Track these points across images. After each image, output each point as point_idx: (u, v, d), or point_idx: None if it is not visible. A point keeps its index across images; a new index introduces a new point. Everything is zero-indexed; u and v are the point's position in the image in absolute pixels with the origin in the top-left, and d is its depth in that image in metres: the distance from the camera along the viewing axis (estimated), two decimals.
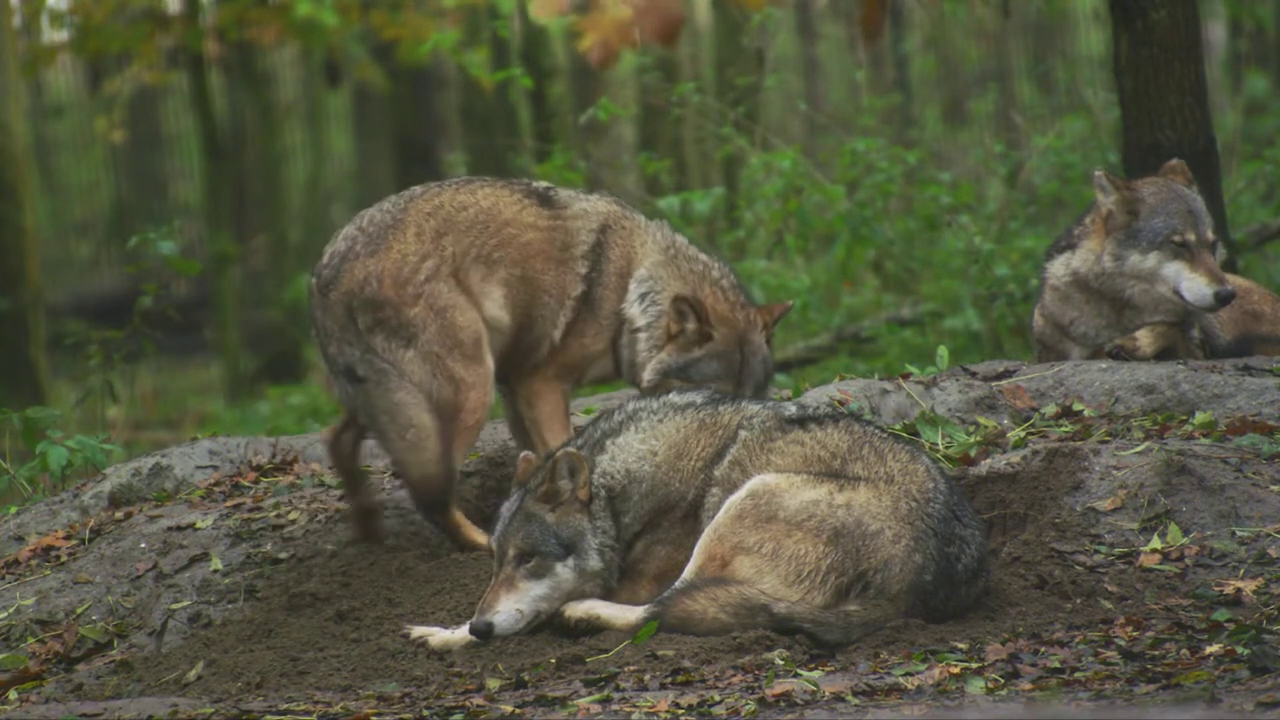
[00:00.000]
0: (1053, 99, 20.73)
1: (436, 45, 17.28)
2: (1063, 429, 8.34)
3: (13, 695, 7.47)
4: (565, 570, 7.13)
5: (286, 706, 6.58)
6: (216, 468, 9.20)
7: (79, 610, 8.00)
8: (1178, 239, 8.93)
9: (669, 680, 6.54)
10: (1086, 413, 8.51)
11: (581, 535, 7.15)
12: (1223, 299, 8.87)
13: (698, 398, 7.37)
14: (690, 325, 8.17)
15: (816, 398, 8.58)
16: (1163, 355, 9.01)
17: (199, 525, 8.34)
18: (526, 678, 6.72)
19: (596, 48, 8.47)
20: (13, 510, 9.24)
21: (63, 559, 8.42)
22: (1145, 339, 8.99)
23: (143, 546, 8.26)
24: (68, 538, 8.61)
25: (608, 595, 7.16)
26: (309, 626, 7.52)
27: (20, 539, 8.82)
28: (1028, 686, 6.21)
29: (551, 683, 6.67)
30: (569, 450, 7.19)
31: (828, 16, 25.63)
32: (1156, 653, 6.48)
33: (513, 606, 7.09)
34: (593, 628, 7.03)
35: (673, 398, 7.38)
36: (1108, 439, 8.06)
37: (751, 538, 6.91)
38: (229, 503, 8.64)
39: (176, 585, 8.06)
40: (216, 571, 8.08)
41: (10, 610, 8.05)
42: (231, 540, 8.23)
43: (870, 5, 8.91)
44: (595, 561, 7.15)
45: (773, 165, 16.43)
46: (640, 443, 7.24)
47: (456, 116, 24.68)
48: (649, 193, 18.24)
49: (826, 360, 16.52)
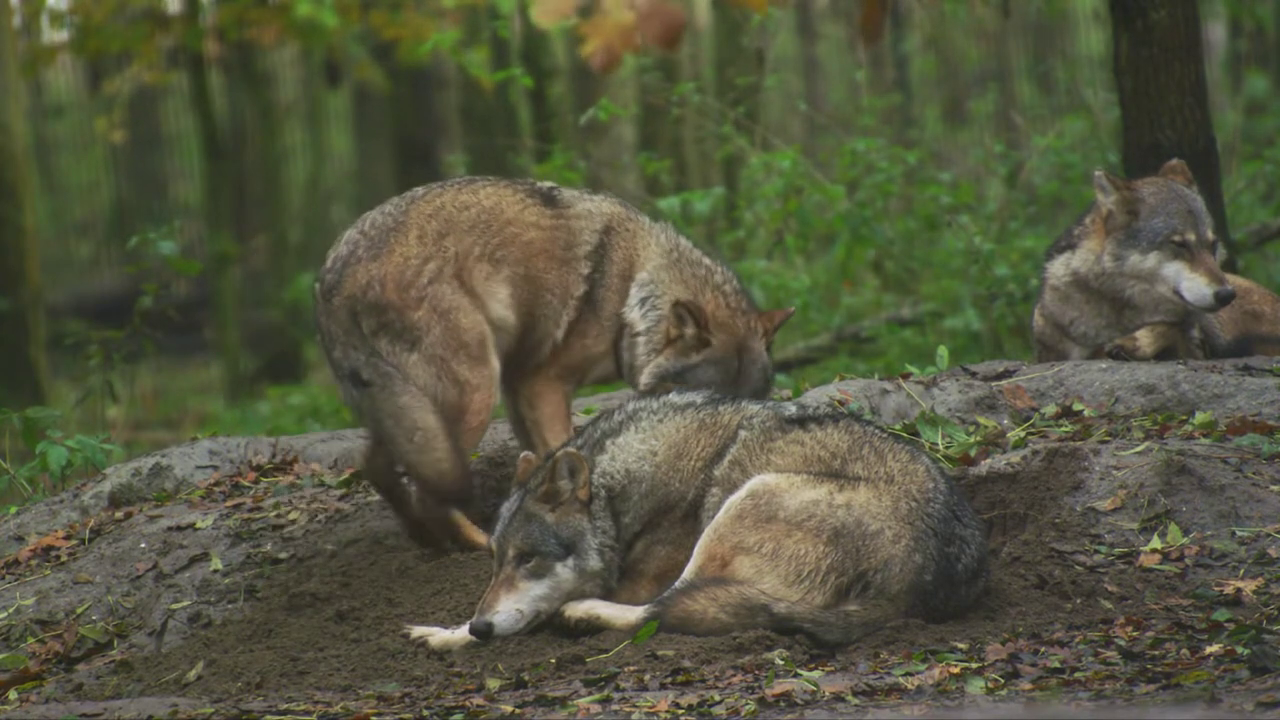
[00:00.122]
0: (1053, 99, 20.73)
1: (436, 45, 17.27)
2: (1063, 429, 8.33)
3: (13, 695, 7.47)
4: (565, 570, 7.12)
5: (286, 706, 6.58)
6: (216, 468, 9.20)
7: (79, 610, 8.00)
8: (1178, 239, 8.93)
9: (669, 680, 6.54)
10: (1086, 413, 8.51)
11: (581, 535, 7.15)
12: (1223, 299, 8.87)
13: (698, 398, 7.37)
14: (689, 330, 8.15)
15: (816, 398, 8.58)
16: (1163, 355, 9.00)
17: (199, 525, 8.34)
18: (526, 678, 6.72)
19: (599, 52, 8.47)
20: (13, 510, 9.24)
21: (63, 559, 8.42)
22: (1145, 339, 8.99)
23: (143, 546, 8.26)
24: (68, 538, 8.61)
25: (608, 595, 7.16)
26: (309, 626, 7.52)
27: (20, 539, 8.82)
28: (1028, 686, 6.21)
29: (551, 683, 6.67)
30: (569, 450, 7.18)
31: (828, 16, 25.63)
32: (1156, 653, 6.48)
33: (513, 606, 7.09)
34: (593, 628, 7.03)
35: (673, 398, 7.37)
36: (1108, 439, 8.06)
37: (751, 538, 6.90)
38: (229, 503, 8.64)
39: (176, 585, 8.06)
40: (216, 571, 8.08)
41: (10, 610, 8.05)
42: (231, 540, 8.23)
43: (870, 7, 8.91)
44: (595, 561, 7.14)
45: (773, 165, 16.43)
46: (640, 443, 7.24)
47: (456, 116, 24.68)
48: (649, 193, 18.23)
49: (826, 360, 16.51)
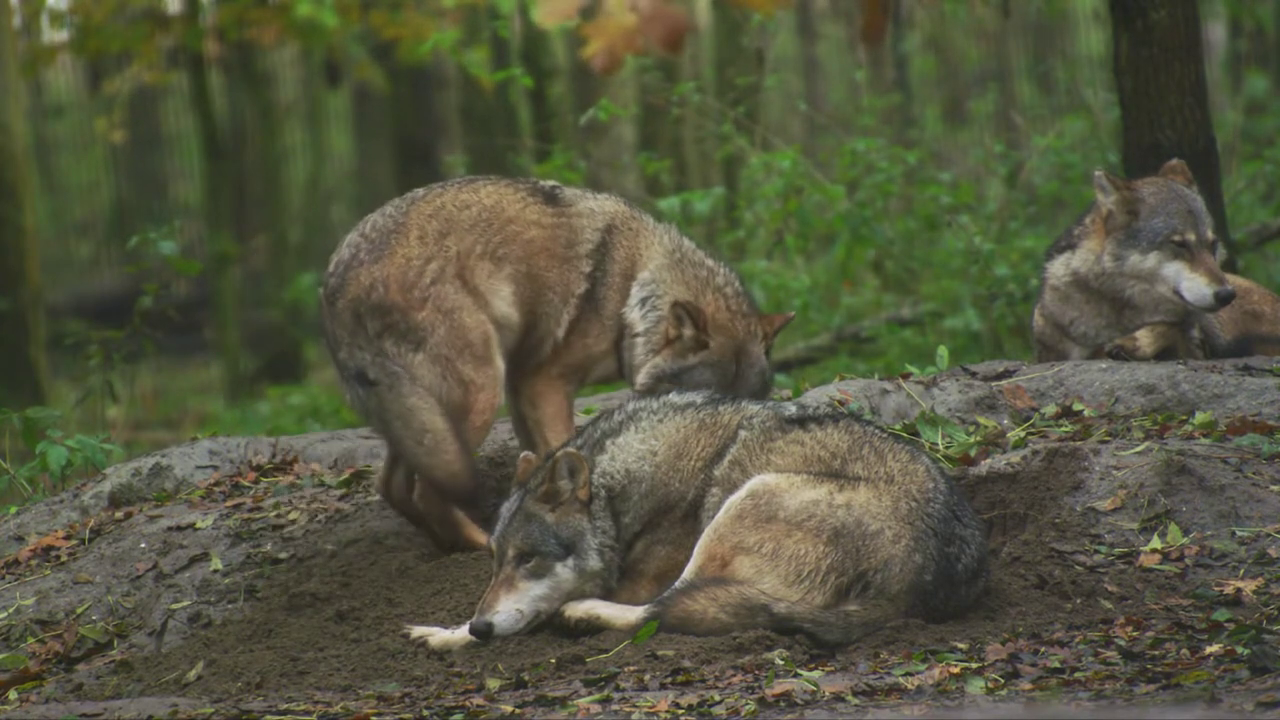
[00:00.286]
0: (1053, 99, 20.73)
1: (436, 45, 17.28)
2: (1063, 429, 8.33)
3: (13, 695, 7.47)
4: (565, 570, 7.12)
5: (286, 706, 6.58)
6: (216, 468, 9.20)
7: (79, 610, 8.00)
8: (1178, 239, 8.93)
9: (669, 680, 6.54)
10: (1086, 413, 8.51)
11: (581, 535, 7.15)
12: (1223, 299, 8.87)
13: (698, 398, 7.36)
14: (687, 331, 8.13)
15: (816, 398, 8.57)
16: (1163, 355, 9.00)
17: (199, 525, 8.34)
18: (526, 678, 6.72)
19: (601, 54, 8.45)
20: (13, 510, 9.24)
21: (63, 559, 8.42)
22: (1145, 339, 8.98)
23: (143, 546, 8.26)
24: (68, 538, 8.61)
25: (608, 595, 7.16)
26: (309, 626, 7.52)
27: (20, 539, 8.82)
28: (1028, 686, 6.21)
29: (551, 683, 6.67)
30: (569, 450, 7.18)
31: (828, 16, 25.63)
32: (1156, 653, 6.48)
33: (513, 606, 7.08)
34: (593, 628, 7.03)
35: (673, 398, 7.37)
36: (1108, 439, 8.06)
37: (751, 538, 6.90)
38: (229, 503, 8.64)
39: (176, 585, 8.06)
40: (216, 571, 8.08)
41: (10, 610, 8.05)
42: (231, 540, 8.23)
43: (872, 12, 8.89)
44: (595, 561, 7.14)
45: (773, 165, 16.42)
46: (640, 443, 7.24)
47: (456, 116, 24.68)
48: (649, 193, 18.23)
49: (826, 360, 16.51)
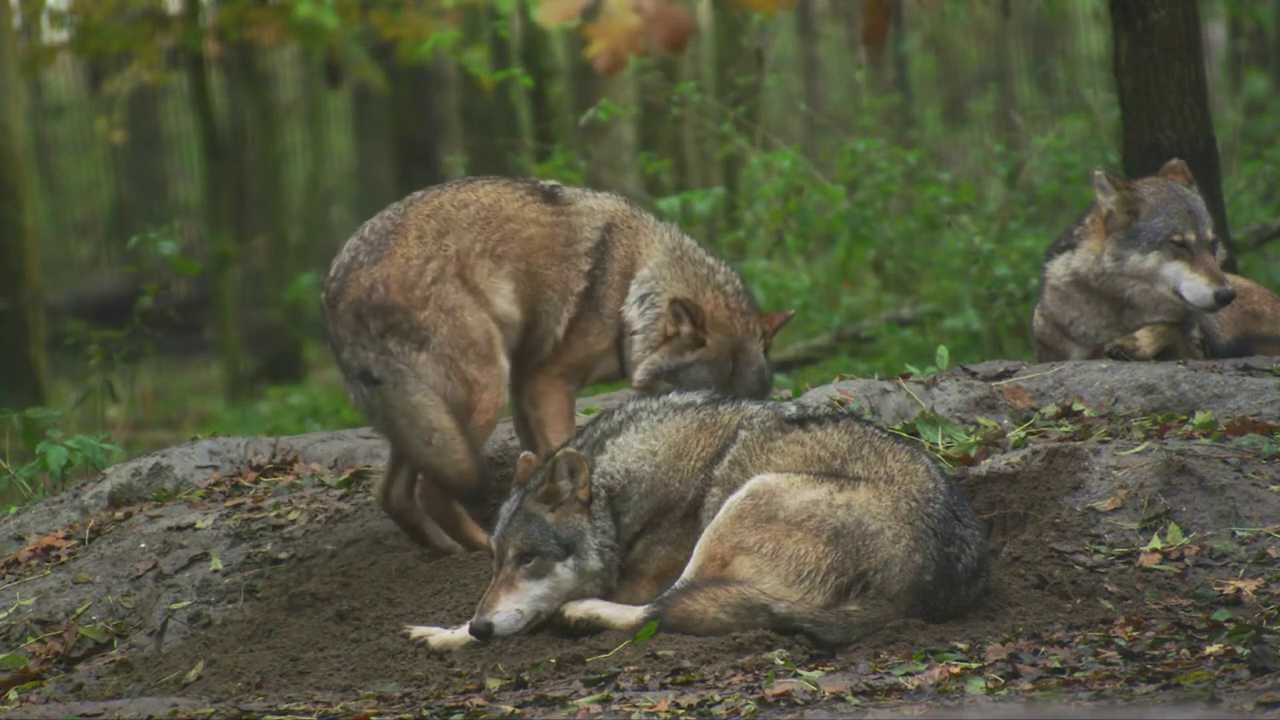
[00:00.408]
0: (1053, 99, 20.73)
1: (436, 45, 17.27)
2: (1063, 429, 8.33)
3: (13, 695, 7.47)
4: (565, 570, 7.12)
5: (286, 706, 6.58)
6: (216, 468, 9.20)
7: (79, 610, 8.00)
8: (1178, 239, 8.93)
9: (669, 680, 6.54)
10: (1086, 413, 8.51)
11: (581, 535, 7.14)
12: (1223, 299, 8.87)
13: (697, 398, 7.36)
14: (685, 329, 8.12)
15: (816, 398, 8.57)
16: (1163, 355, 9.00)
17: (199, 525, 8.34)
18: (526, 678, 6.72)
19: (605, 55, 8.44)
20: (13, 510, 9.24)
21: (63, 559, 8.42)
22: (1145, 339, 8.98)
23: (143, 546, 8.26)
24: (68, 538, 8.61)
25: (608, 595, 7.16)
26: (309, 626, 7.52)
27: (20, 539, 8.82)
28: (1028, 686, 6.21)
29: (551, 683, 6.67)
30: (569, 450, 7.18)
31: (828, 16, 25.63)
32: (1156, 653, 6.48)
33: (512, 606, 7.08)
34: (593, 628, 7.03)
35: (672, 398, 7.37)
36: (1108, 439, 8.06)
37: (751, 538, 6.90)
38: (229, 503, 8.64)
39: (176, 585, 8.06)
40: (216, 571, 8.08)
41: (10, 610, 8.05)
42: (231, 540, 8.23)
43: (874, 15, 8.88)
44: (595, 561, 7.14)
45: (773, 165, 16.42)
46: (640, 443, 7.24)
47: (456, 116, 24.68)
48: (649, 193, 18.23)
49: (826, 360, 16.51)
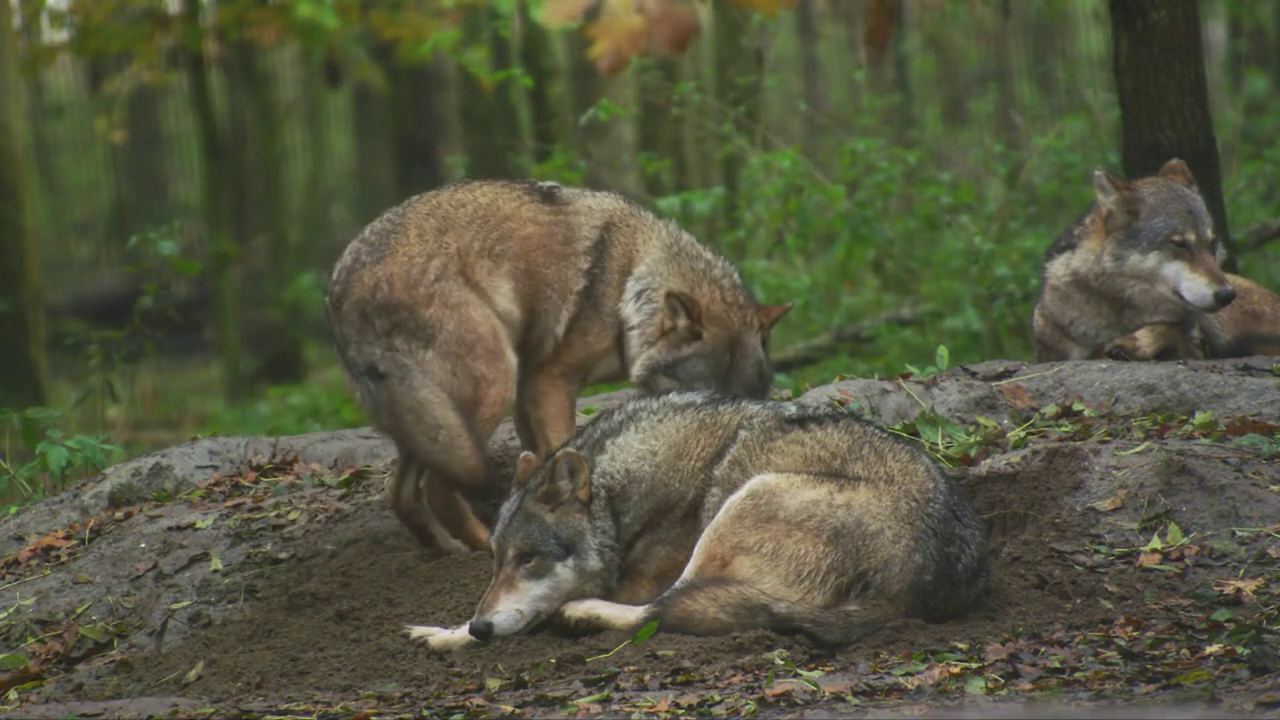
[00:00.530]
0: (1053, 99, 20.73)
1: (436, 45, 17.27)
2: (1063, 429, 8.33)
3: (13, 695, 7.47)
4: (565, 570, 7.12)
5: (286, 706, 6.58)
6: (216, 468, 9.20)
7: (79, 610, 8.00)
8: (1178, 239, 8.93)
9: (669, 680, 6.54)
10: (1086, 413, 8.51)
11: (581, 535, 7.14)
12: (1223, 299, 8.87)
13: (697, 398, 7.36)
14: (681, 322, 8.13)
15: (816, 398, 8.57)
16: (1163, 355, 9.00)
17: (199, 525, 8.34)
18: (526, 678, 6.72)
19: (608, 55, 8.43)
20: (13, 510, 9.24)
21: (63, 559, 8.42)
22: (1145, 339, 8.98)
23: (143, 546, 8.26)
24: (68, 538, 8.61)
25: (608, 595, 7.16)
26: (309, 626, 7.52)
27: (20, 539, 8.82)
28: (1028, 686, 6.21)
29: (551, 683, 6.67)
30: (569, 450, 7.18)
31: (828, 16, 25.63)
32: (1156, 653, 6.48)
33: (512, 607, 7.08)
34: (593, 628, 7.03)
35: (672, 398, 7.37)
36: (1108, 439, 8.06)
37: (751, 538, 6.90)
38: (229, 503, 8.64)
39: (176, 585, 8.06)
40: (216, 571, 8.08)
41: (10, 610, 8.05)
42: (231, 540, 8.23)
43: (878, 18, 8.87)
44: (595, 561, 7.14)
45: (773, 165, 16.42)
46: (640, 443, 7.24)
47: (456, 116, 24.67)
48: (649, 193, 18.23)
49: (826, 360, 16.51)
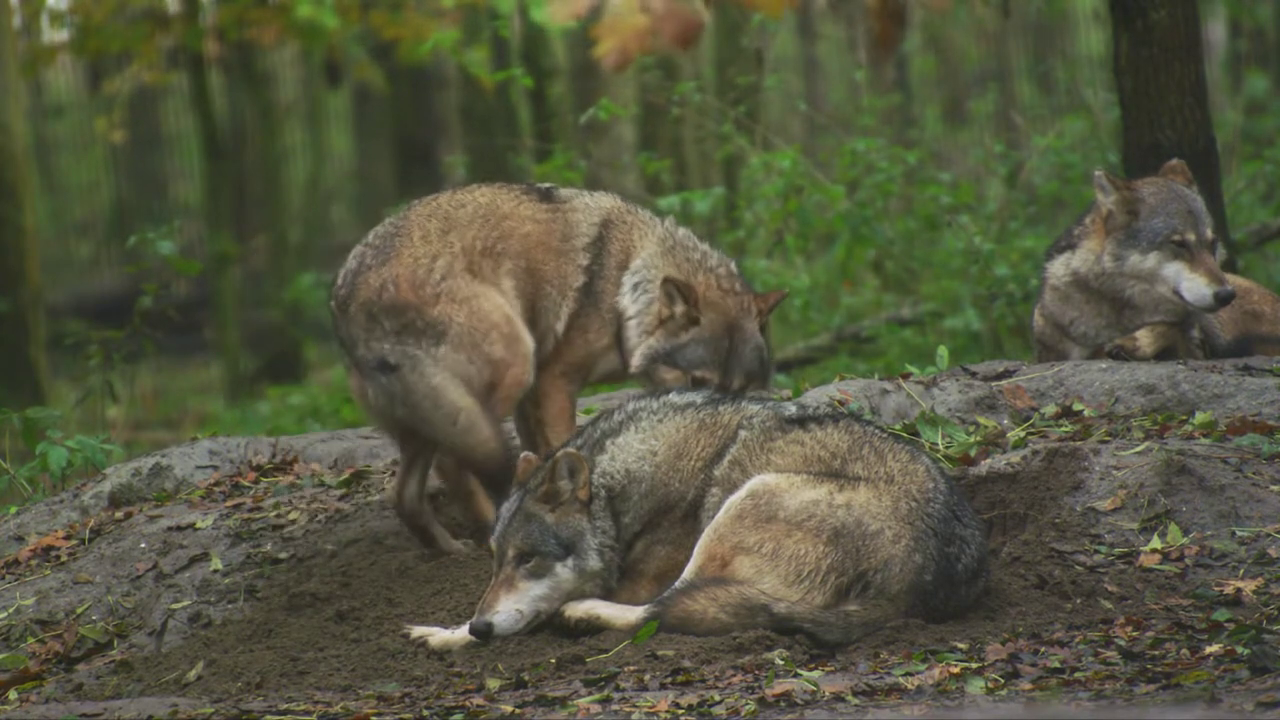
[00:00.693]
0: (1053, 99, 20.73)
1: (436, 45, 17.28)
2: (1063, 429, 8.33)
3: (13, 695, 7.47)
4: (565, 570, 7.12)
5: (286, 706, 6.58)
6: (216, 468, 9.20)
7: (79, 610, 8.00)
8: (1178, 239, 8.93)
9: (669, 680, 6.54)
10: (1086, 413, 8.51)
11: (581, 535, 7.14)
12: (1223, 299, 8.87)
13: (697, 398, 7.36)
14: (679, 308, 8.14)
15: (816, 398, 8.57)
16: (1163, 355, 9.00)
17: (199, 525, 8.34)
18: (526, 678, 6.72)
19: (613, 54, 8.43)
20: (13, 510, 9.24)
21: (63, 559, 8.42)
22: (1145, 339, 8.98)
23: (143, 546, 8.26)
24: (68, 538, 8.61)
25: (608, 595, 7.16)
26: (309, 626, 7.52)
27: (20, 539, 8.82)
28: (1028, 686, 6.21)
29: (551, 683, 6.67)
30: (569, 450, 7.18)
31: (828, 16, 25.63)
32: (1156, 653, 6.48)
33: (512, 607, 7.08)
34: (593, 628, 7.03)
35: (672, 398, 7.37)
36: (1108, 439, 8.06)
37: (751, 538, 6.90)
38: (229, 503, 8.64)
39: (176, 585, 8.06)
40: (216, 571, 8.08)
41: (10, 610, 8.05)
42: (231, 540, 8.23)
43: (884, 23, 8.87)
44: (595, 561, 7.14)
45: (773, 165, 16.42)
46: (640, 443, 7.24)
47: (456, 116, 24.67)
48: (649, 192, 18.23)
49: (826, 360, 16.51)
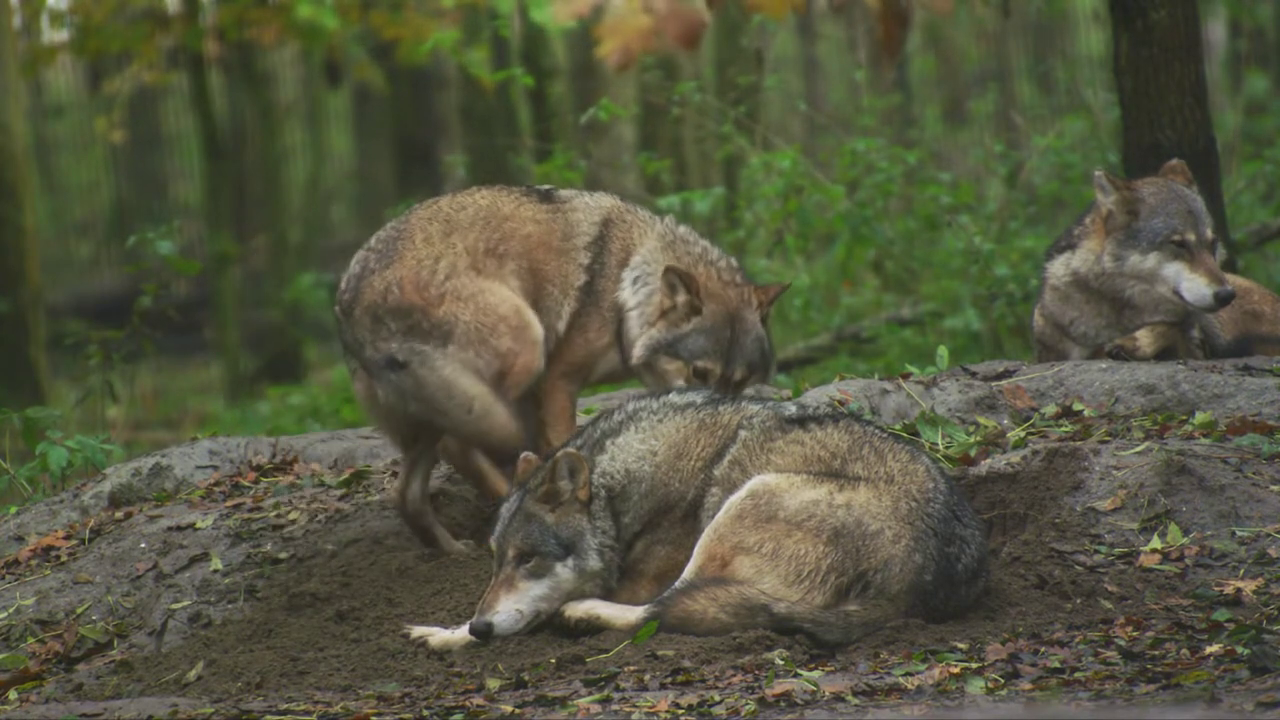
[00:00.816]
0: (1053, 99, 20.73)
1: (436, 45, 17.28)
2: (1063, 429, 8.33)
3: (13, 695, 7.47)
4: (565, 570, 7.12)
5: (286, 706, 6.58)
6: (216, 468, 9.20)
7: (79, 610, 8.00)
8: (1177, 239, 8.93)
9: (669, 680, 6.54)
10: (1086, 413, 8.51)
11: (581, 535, 7.15)
12: (1222, 299, 8.87)
13: (697, 398, 7.37)
14: (680, 298, 8.15)
15: (816, 398, 8.58)
16: (1163, 355, 9.00)
17: (199, 525, 8.34)
18: (526, 678, 6.72)
19: (617, 53, 8.43)
20: (13, 510, 9.24)
21: (63, 559, 8.42)
22: (1145, 339, 8.98)
23: (143, 546, 8.26)
24: (68, 538, 8.61)
25: (608, 595, 7.16)
26: (309, 626, 7.52)
27: (20, 539, 8.82)
28: (1028, 686, 6.21)
29: (551, 683, 6.67)
30: (569, 450, 7.18)
31: (828, 16, 25.63)
32: (1156, 653, 6.48)
33: (512, 607, 7.09)
34: (593, 628, 7.03)
35: (672, 398, 7.37)
36: (1108, 439, 8.06)
37: (751, 538, 6.90)
38: (229, 503, 8.64)
39: (176, 585, 8.06)
40: (216, 571, 8.08)
41: (10, 610, 8.05)
42: (231, 540, 8.23)
43: (889, 25, 8.86)
44: (595, 561, 7.14)
45: (773, 165, 16.43)
46: (640, 443, 7.24)
47: (456, 116, 24.67)
48: (649, 192, 18.23)
49: (826, 360, 16.51)
